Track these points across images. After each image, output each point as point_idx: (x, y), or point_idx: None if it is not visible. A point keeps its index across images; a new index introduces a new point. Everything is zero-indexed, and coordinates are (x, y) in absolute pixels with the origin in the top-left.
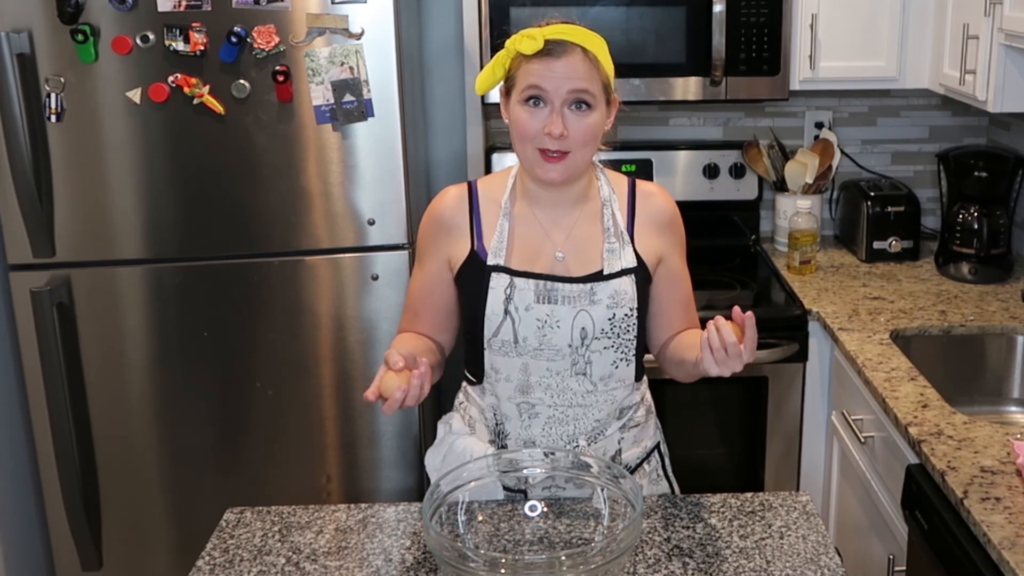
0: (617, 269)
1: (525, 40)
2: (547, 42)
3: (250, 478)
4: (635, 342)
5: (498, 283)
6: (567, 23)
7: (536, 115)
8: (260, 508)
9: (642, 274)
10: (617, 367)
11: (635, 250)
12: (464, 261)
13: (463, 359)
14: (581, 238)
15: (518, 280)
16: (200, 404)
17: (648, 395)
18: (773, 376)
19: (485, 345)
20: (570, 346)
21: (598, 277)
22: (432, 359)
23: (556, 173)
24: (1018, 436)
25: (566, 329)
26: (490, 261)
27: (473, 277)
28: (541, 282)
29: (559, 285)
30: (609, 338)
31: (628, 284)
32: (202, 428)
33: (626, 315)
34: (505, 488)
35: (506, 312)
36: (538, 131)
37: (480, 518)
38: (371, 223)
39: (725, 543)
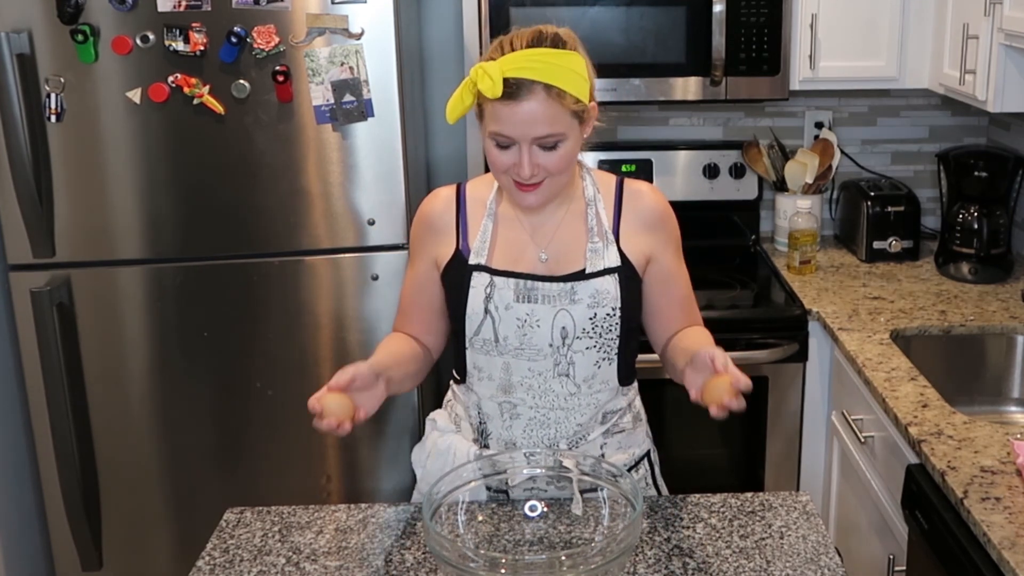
0: (599, 268)
1: (485, 80)
2: (507, 83)
3: (250, 478)
4: (618, 342)
5: (479, 282)
6: (532, 46)
7: (506, 153)
8: (260, 508)
9: (627, 273)
10: (600, 367)
11: (620, 249)
12: (449, 260)
13: (452, 357)
14: (565, 239)
15: (498, 279)
16: (200, 404)
17: (637, 402)
18: (773, 376)
19: (467, 344)
20: (551, 346)
21: (580, 276)
22: (411, 366)
23: (533, 199)
24: (1018, 436)
25: (546, 328)
26: (472, 260)
27: (456, 276)
28: (521, 281)
29: (539, 284)
30: (591, 338)
31: (611, 283)
32: (202, 428)
33: (608, 315)
34: (488, 489)
35: (486, 311)
36: (510, 165)
37: (480, 518)
38: (371, 223)
39: (725, 543)
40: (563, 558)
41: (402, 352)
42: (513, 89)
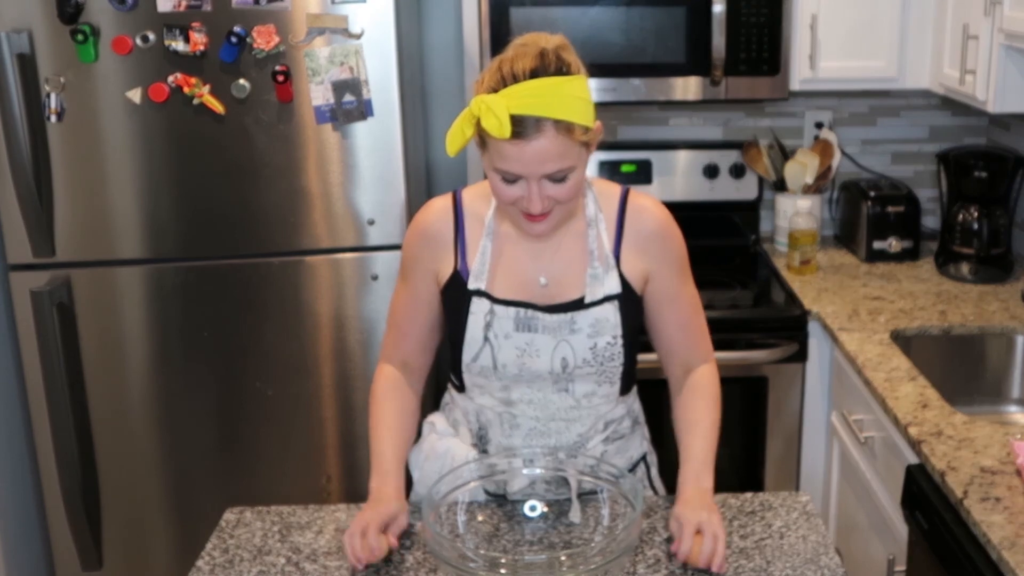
0: (599, 296)
1: (491, 118)
2: (514, 120)
3: (250, 478)
4: (620, 369)
5: (478, 308)
6: (535, 73)
7: (513, 187)
8: (260, 508)
9: (628, 298)
10: (601, 386)
11: (620, 273)
12: (448, 280)
13: (450, 362)
14: (565, 261)
15: (498, 308)
16: (200, 404)
17: (636, 405)
18: (773, 376)
19: (464, 368)
20: (550, 372)
21: (579, 305)
22: (413, 434)
23: (541, 228)
24: (1018, 436)
25: (546, 358)
26: (471, 285)
27: (455, 298)
28: (521, 310)
29: (539, 314)
30: (592, 366)
31: (611, 311)
32: (202, 428)
33: (609, 343)
34: (486, 492)
35: (485, 339)
36: (518, 198)
37: (480, 518)
38: (371, 223)
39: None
40: (563, 558)
41: (406, 433)
42: (521, 128)
